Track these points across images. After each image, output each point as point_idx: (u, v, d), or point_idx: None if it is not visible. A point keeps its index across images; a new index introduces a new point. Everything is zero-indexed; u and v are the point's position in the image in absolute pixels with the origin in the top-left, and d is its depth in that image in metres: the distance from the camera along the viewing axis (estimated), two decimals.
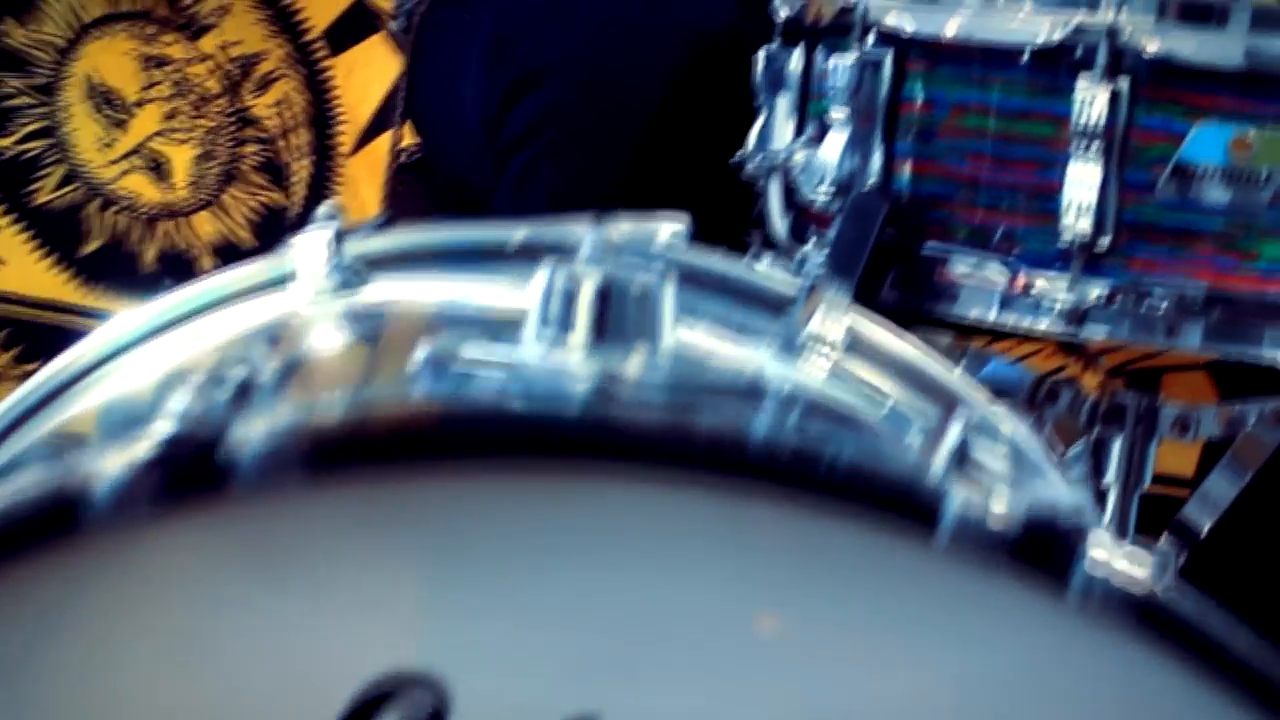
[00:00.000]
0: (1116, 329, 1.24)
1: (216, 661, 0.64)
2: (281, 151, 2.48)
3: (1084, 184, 1.22)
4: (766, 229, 1.43)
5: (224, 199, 2.50)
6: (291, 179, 2.49)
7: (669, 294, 0.82)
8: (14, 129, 2.46)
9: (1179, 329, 1.23)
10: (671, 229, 0.91)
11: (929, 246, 1.28)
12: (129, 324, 1.14)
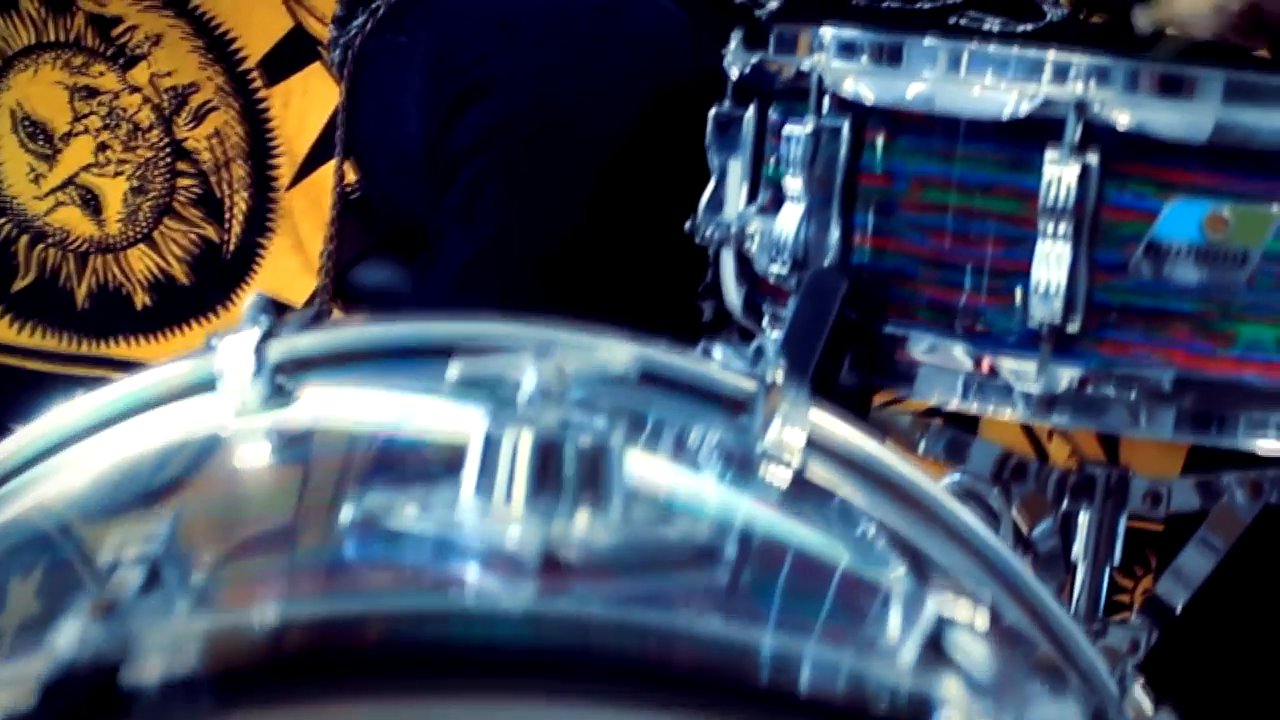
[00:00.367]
0: (1086, 416, 1.18)
1: None
2: (217, 185, 2.42)
3: (1053, 264, 1.16)
4: (721, 297, 1.37)
5: (158, 234, 2.44)
6: (228, 213, 2.43)
7: (619, 445, 0.76)
8: None
9: (1151, 416, 1.18)
10: (624, 355, 0.85)
11: (890, 325, 1.22)
12: (43, 430, 1.07)
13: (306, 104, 2.37)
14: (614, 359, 1.02)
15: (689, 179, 1.39)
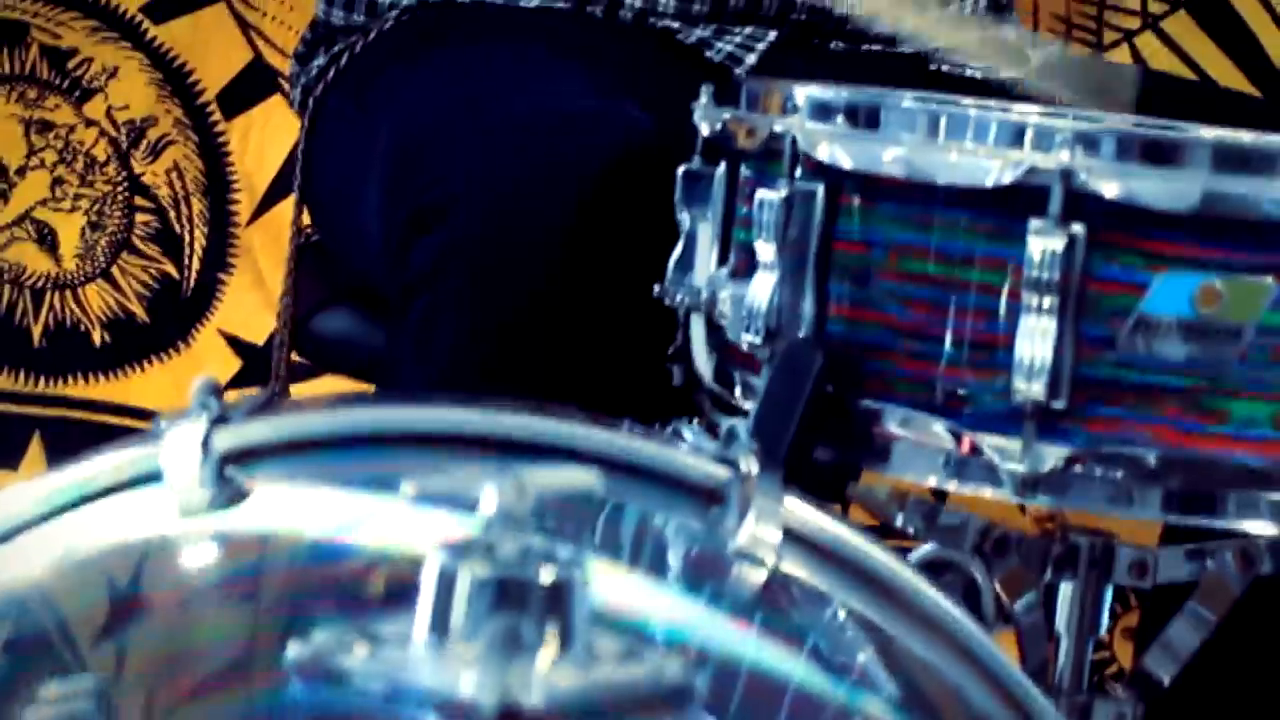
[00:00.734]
0: (1072, 496, 1.13)
1: None
2: (176, 220, 2.37)
3: (1037, 339, 1.11)
4: (691, 366, 1.32)
5: (116, 270, 2.39)
6: (187, 249, 2.38)
7: (584, 574, 0.71)
8: None
9: (1138, 495, 1.13)
10: (586, 481, 0.80)
11: (867, 400, 1.17)
12: None
13: (266, 137, 2.32)
14: (581, 446, 0.98)
15: (659, 239, 1.34)
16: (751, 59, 1.71)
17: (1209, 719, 1.52)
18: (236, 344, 2.37)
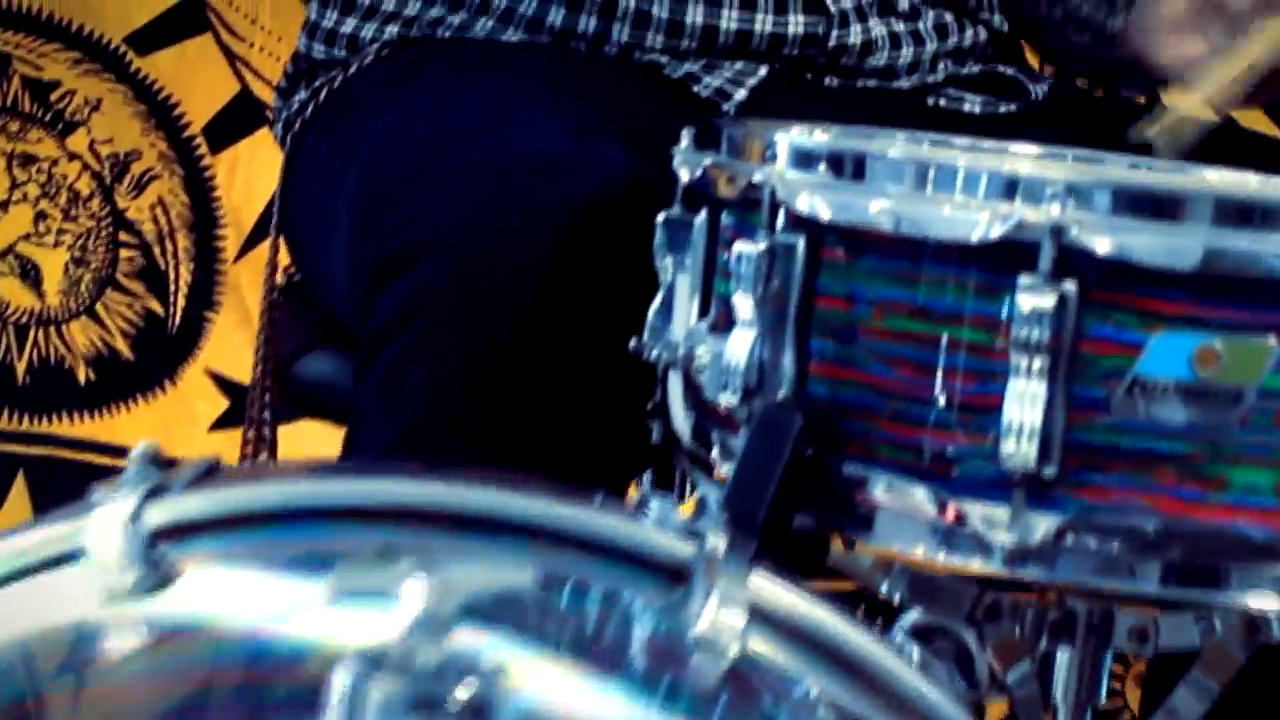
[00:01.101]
0: (1064, 570, 1.07)
1: None
2: (161, 256, 2.32)
3: (1026, 403, 1.05)
4: (669, 423, 1.26)
5: (100, 306, 2.34)
6: (172, 286, 2.33)
7: (509, 685, 0.66)
8: None
9: (1135, 569, 1.07)
10: (519, 579, 0.74)
11: (849, 465, 1.12)
12: None
13: (254, 172, 2.27)
14: (537, 522, 0.93)
15: (639, 287, 1.28)
16: (741, 94, 1.66)
17: None
18: (223, 383, 2.32)
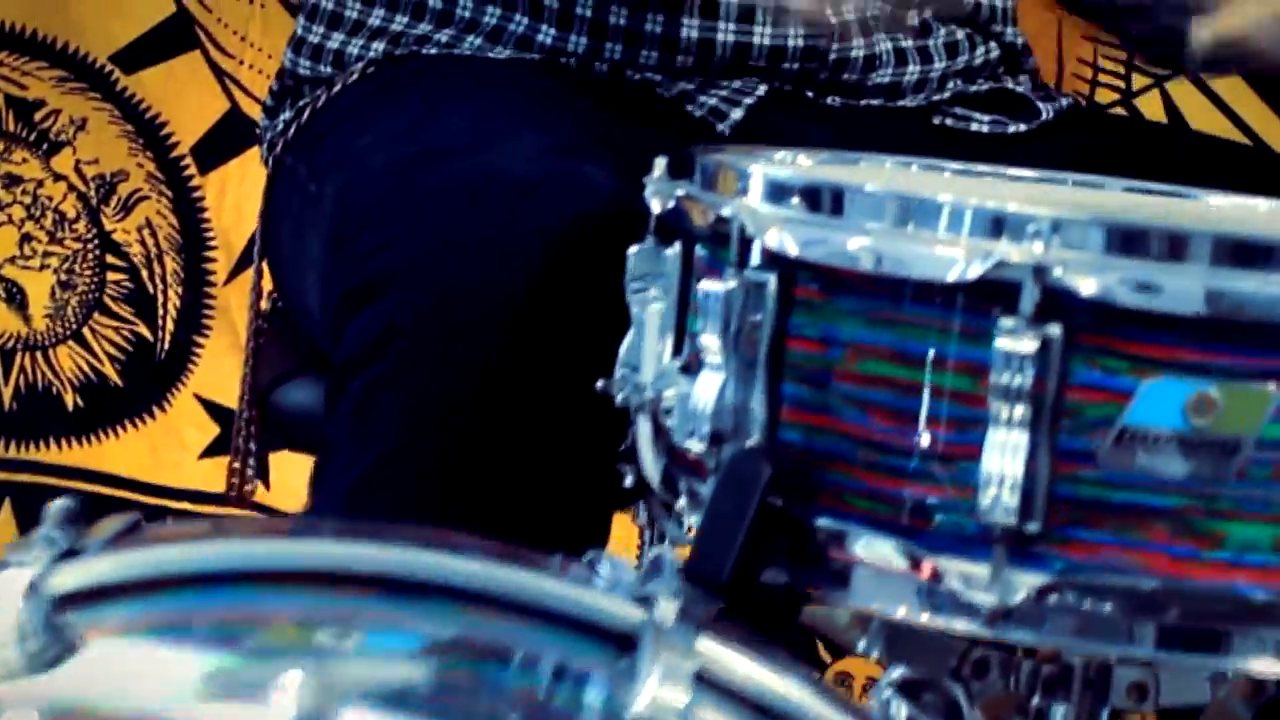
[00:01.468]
0: (1050, 632, 1.01)
1: None
2: (149, 279, 2.27)
3: (1007, 453, 0.98)
4: (639, 466, 1.20)
5: (87, 331, 2.29)
6: (161, 309, 2.28)
7: None
8: None
9: (1128, 632, 1.00)
10: (409, 675, 0.68)
11: (823, 518, 1.05)
12: None
13: (244, 192, 2.22)
14: (476, 586, 0.87)
15: (620, 317, 1.21)
16: (738, 114, 1.59)
17: None
18: (214, 409, 2.27)
